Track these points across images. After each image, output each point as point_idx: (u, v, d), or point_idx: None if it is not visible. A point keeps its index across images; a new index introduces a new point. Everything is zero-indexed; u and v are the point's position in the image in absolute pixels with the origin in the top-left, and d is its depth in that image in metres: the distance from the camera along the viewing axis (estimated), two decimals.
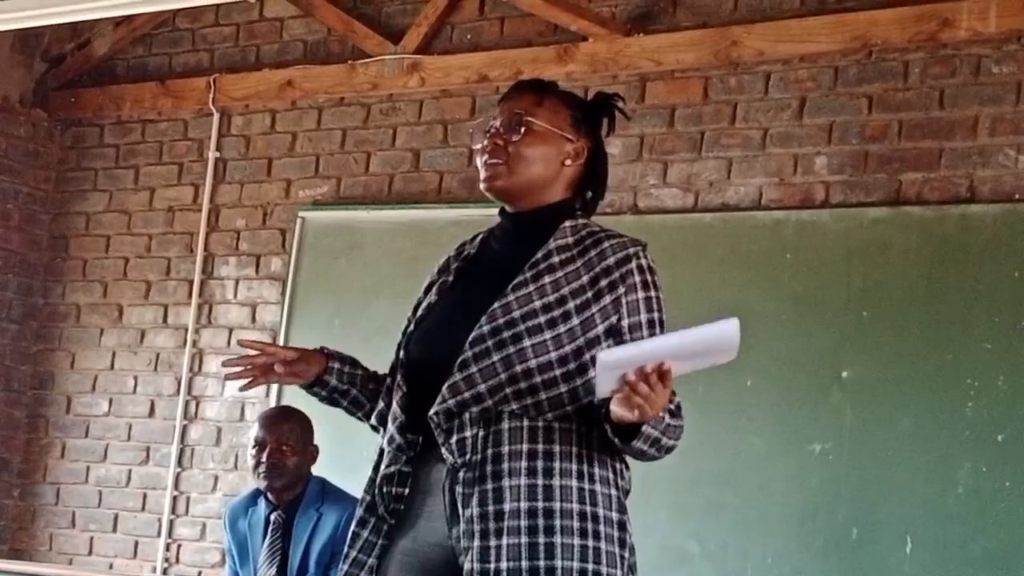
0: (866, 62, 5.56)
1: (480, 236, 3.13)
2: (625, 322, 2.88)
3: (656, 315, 2.91)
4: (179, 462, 6.84)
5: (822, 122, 5.62)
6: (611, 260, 2.91)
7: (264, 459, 5.04)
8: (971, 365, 5.14)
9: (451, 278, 3.07)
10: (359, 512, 2.97)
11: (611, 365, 2.69)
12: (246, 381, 3.06)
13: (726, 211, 5.74)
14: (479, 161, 3.03)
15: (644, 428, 2.77)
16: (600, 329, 2.87)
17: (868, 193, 5.47)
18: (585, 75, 5.96)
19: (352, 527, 2.98)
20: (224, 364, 3.08)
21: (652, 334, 2.89)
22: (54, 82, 7.47)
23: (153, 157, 7.26)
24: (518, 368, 2.82)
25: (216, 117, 7.05)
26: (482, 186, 3.03)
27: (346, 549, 2.97)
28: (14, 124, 7.35)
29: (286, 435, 5.06)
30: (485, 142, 3.02)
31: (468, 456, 2.83)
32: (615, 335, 2.87)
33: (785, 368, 5.47)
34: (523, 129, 2.99)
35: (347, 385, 3.11)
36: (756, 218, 5.66)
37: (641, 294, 2.91)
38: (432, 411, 2.86)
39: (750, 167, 5.73)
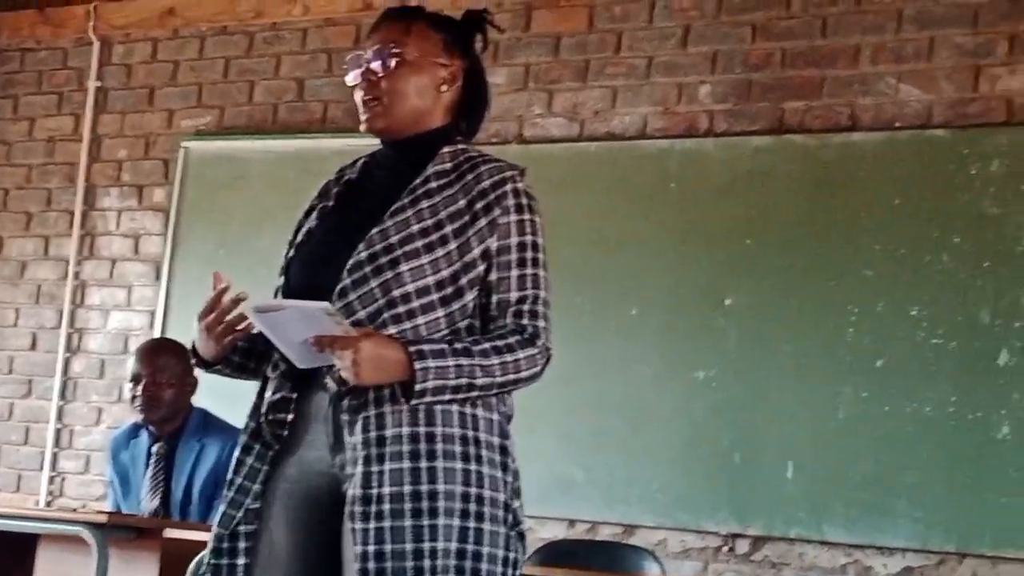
0: None
1: (361, 161, 3.11)
2: (495, 245, 2.88)
3: (528, 238, 2.90)
4: (62, 395, 6.77)
5: (706, 50, 5.64)
6: (487, 184, 2.90)
7: (140, 392, 5.02)
8: (852, 292, 5.20)
9: (331, 203, 3.05)
10: (243, 439, 2.95)
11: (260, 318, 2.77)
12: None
13: (611, 140, 5.75)
14: (356, 98, 3.01)
15: (423, 384, 2.75)
16: (476, 252, 2.86)
17: (752, 122, 5.51)
18: (470, 3, 5.90)
19: (236, 454, 2.96)
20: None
21: (522, 257, 2.88)
22: None
23: (32, 87, 7.14)
24: (396, 293, 2.81)
25: (96, 46, 6.95)
26: (362, 127, 3.01)
27: (230, 475, 2.94)
28: None
29: (162, 368, 5.03)
30: (359, 79, 2.99)
31: (351, 383, 2.82)
32: (488, 258, 2.87)
33: (670, 296, 5.50)
34: (394, 62, 2.96)
35: (248, 342, 3.04)
36: (641, 147, 5.68)
37: (514, 217, 2.89)
38: None
39: (635, 96, 5.74)
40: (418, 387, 2.76)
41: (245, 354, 3.04)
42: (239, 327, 2.93)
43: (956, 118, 5.18)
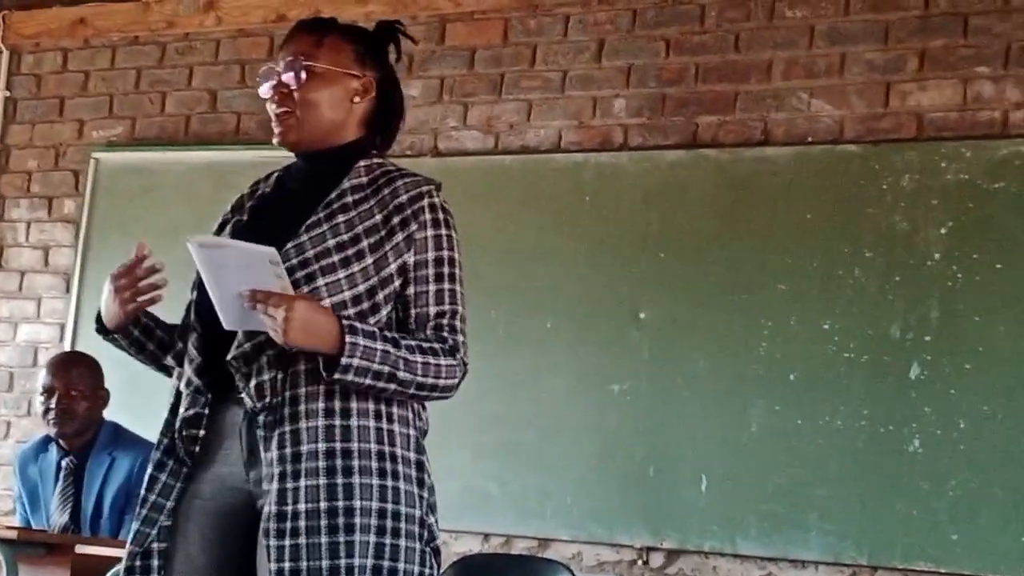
0: (663, 5, 5.61)
1: (275, 175, 3.09)
2: (412, 259, 2.87)
3: (445, 253, 2.90)
4: None
5: (620, 65, 5.66)
6: (404, 198, 2.89)
7: (54, 405, 4.96)
8: (765, 306, 5.23)
9: (245, 217, 3.03)
10: (156, 455, 2.93)
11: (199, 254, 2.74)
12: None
13: (526, 153, 5.76)
14: (269, 111, 2.99)
15: (349, 359, 2.73)
16: (393, 267, 2.85)
17: (665, 136, 5.53)
18: (384, 15, 5.90)
19: (149, 470, 2.93)
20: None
21: (439, 272, 2.89)
22: None
23: None
24: None
25: (6, 55, 6.88)
26: (275, 140, 2.99)
27: (144, 492, 2.92)
28: None
29: (75, 380, 4.99)
30: (271, 92, 2.97)
31: (268, 400, 2.80)
32: (405, 273, 2.87)
33: (584, 309, 5.51)
34: (306, 74, 2.95)
35: (152, 323, 3.04)
36: (556, 160, 5.69)
37: (431, 232, 2.89)
38: (230, 356, 2.82)
39: (550, 110, 5.75)
40: (344, 360, 2.73)
41: (145, 331, 3.02)
42: (146, 297, 2.91)
43: (867, 133, 5.23)
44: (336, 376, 2.75)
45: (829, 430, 5.07)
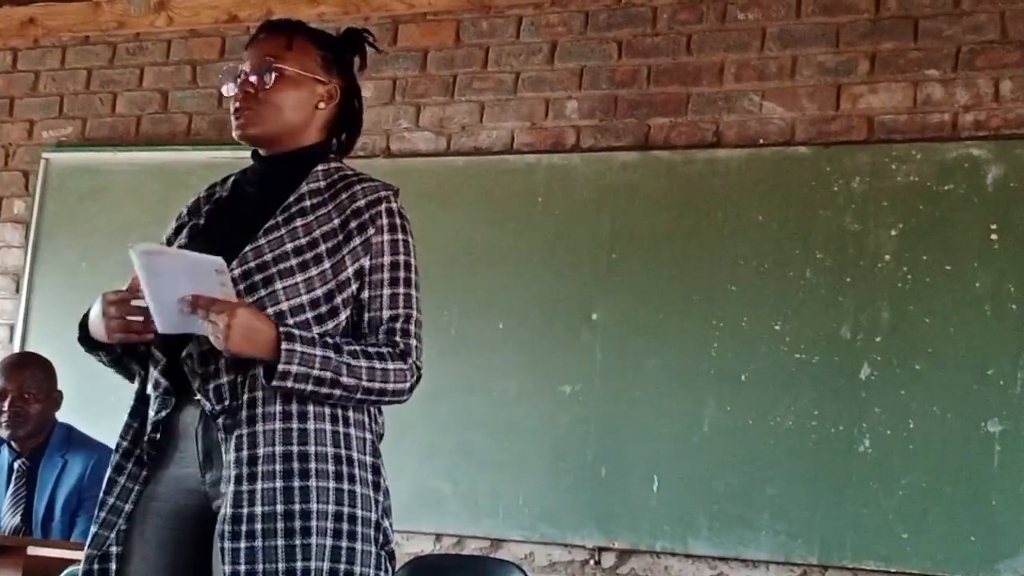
0: (616, 7, 5.63)
1: (232, 178, 3.08)
2: (367, 263, 2.88)
3: (401, 258, 2.91)
4: None
5: (573, 66, 5.67)
6: (361, 203, 2.90)
7: (6, 408, 4.93)
8: (716, 306, 5.25)
9: (202, 221, 3.02)
10: (115, 458, 2.92)
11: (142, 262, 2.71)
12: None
13: (478, 155, 5.76)
14: (231, 108, 2.98)
15: (287, 365, 2.73)
16: (350, 271, 2.86)
17: (618, 137, 5.55)
18: (336, 16, 5.92)
19: (108, 473, 2.92)
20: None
21: (394, 276, 2.89)
22: None
23: None
24: (270, 311, 2.79)
25: None
26: (235, 134, 2.98)
27: (102, 495, 2.92)
28: None
29: (28, 382, 4.96)
30: (236, 90, 2.97)
31: (227, 402, 2.80)
32: (361, 276, 2.87)
33: (537, 310, 5.52)
34: (273, 76, 2.95)
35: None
36: (508, 162, 5.69)
37: (387, 236, 2.90)
38: (184, 354, 2.82)
39: (502, 111, 5.76)
40: (281, 367, 2.74)
41: (128, 349, 2.97)
42: (136, 338, 2.85)
43: (818, 136, 5.26)
44: (275, 383, 2.75)
45: (780, 430, 5.10)
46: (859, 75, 5.24)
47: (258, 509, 2.75)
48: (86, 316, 2.95)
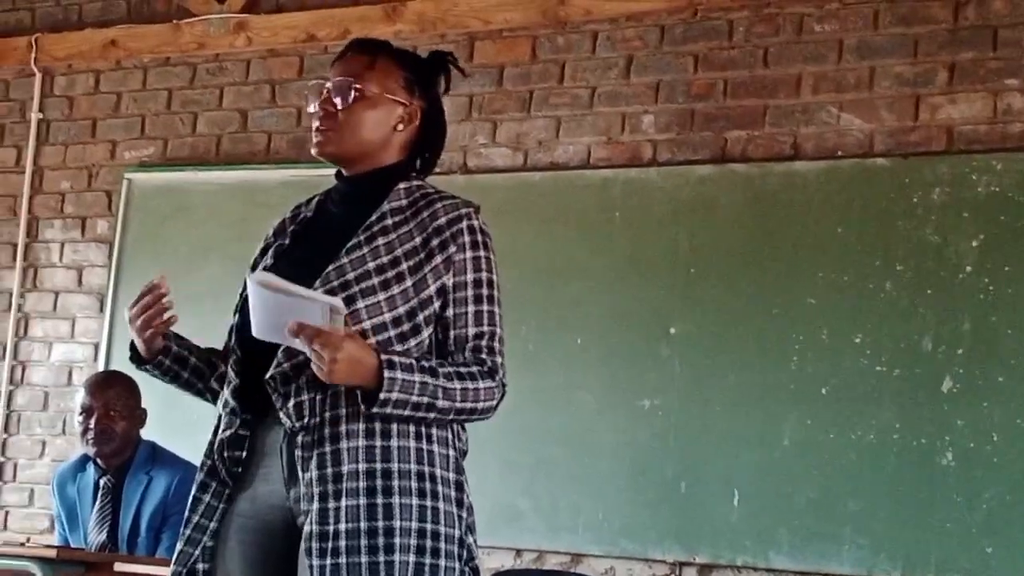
0: (691, 21, 5.62)
1: (316, 198, 3.11)
2: (450, 281, 2.89)
3: (484, 275, 2.92)
4: (5, 428, 6.73)
5: (649, 81, 5.67)
6: (443, 220, 2.91)
7: (92, 425, 4.99)
8: (795, 320, 5.23)
9: (287, 241, 3.04)
10: (200, 476, 2.96)
11: (260, 294, 2.72)
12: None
13: (555, 170, 5.77)
14: (312, 124, 3.01)
15: (388, 394, 2.76)
16: (432, 289, 2.88)
17: (694, 151, 5.54)
18: (413, 34, 5.96)
19: (193, 491, 2.96)
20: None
21: (478, 294, 2.91)
22: None
23: None
24: (351, 330, 2.81)
25: (38, 77, 6.92)
26: (312, 151, 3.01)
27: (188, 513, 2.95)
28: None
29: (112, 400, 5.01)
30: (317, 108, 2.99)
31: (306, 420, 2.82)
32: (444, 294, 2.88)
33: (614, 325, 5.52)
34: (353, 96, 2.96)
35: (187, 352, 3.06)
36: (584, 177, 5.70)
37: (470, 254, 2.91)
38: (268, 375, 2.84)
39: (578, 126, 5.77)
40: (383, 395, 2.76)
41: (178, 361, 3.03)
42: (159, 320, 2.93)
43: (897, 147, 5.23)
44: (375, 410, 2.77)
45: (861, 444, 5.07)
46: (938, 85, 5.21)
47: (342, 526, 2.77)
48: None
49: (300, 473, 2.82)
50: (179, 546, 2.93)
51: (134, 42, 6.70)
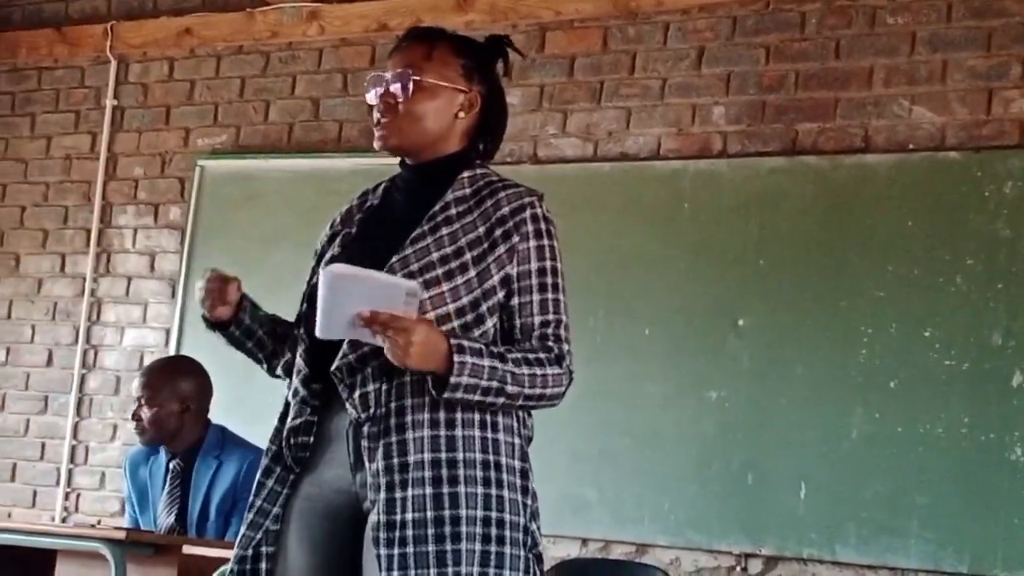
0: (763, 12, 5.61)
1: (383, 186, 3.12)
2: (515, 270, 2.90)
3: (548, 263, 2.92)
4: (77, 411, 6.80)
5: (720, 72, 5.66)
6: (506, 210, 2.92)
7: (135, 415, 5.07)
8: (864, 313, 5.21)
9: (354, 230, 3.06)
10: (265, 462, 2.98)
11: (334, 284, 2.73)
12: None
13: (625, 161, 5.77)
14: (373, 117, 3.03)
15: (458, 378, 2.77)
16: (496, 279, 2.88)
17: (765, 143, 5.53)
18: (484, 24, 5.97)
19: (258, 476, 2.98)
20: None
21: (543, 282, 2.91)
22: None
23: (50, 105, 7.18)
24: None
25: (113, 64, 6.98)
26: (376, 145, 3.02)
27: (251, 498, 2.97)
28: None
29: (156, 391, 5.04)
30: (378, 100, 3.01)
31: (372, 410, 2.84)
32: (508, 284, 2.90)
33: (682, 316, 5.52)
34: (412, 86, 2.97)
35: (256, 324, 3.11)
36: (655, 168, 5.70)
37: (533, 243, 2.92)
38: (334, 367, 2.86)
39: (649, 117, 5.76)
40: (453, 380, 2.77)
41: (246, 332, 3.11)
42: (226, 298, 3.03)
43: (969, 140, 5.20)
44: (446, 395, 2.79)
45: (930, 437, 5.05)
46: (1011, 79, 5.18)
47: (409, 516, 2.79)
48: None
49: (367, 462, 2.84)
50: (243, 529, 2.96)
51: (208, 30, 6.76)
